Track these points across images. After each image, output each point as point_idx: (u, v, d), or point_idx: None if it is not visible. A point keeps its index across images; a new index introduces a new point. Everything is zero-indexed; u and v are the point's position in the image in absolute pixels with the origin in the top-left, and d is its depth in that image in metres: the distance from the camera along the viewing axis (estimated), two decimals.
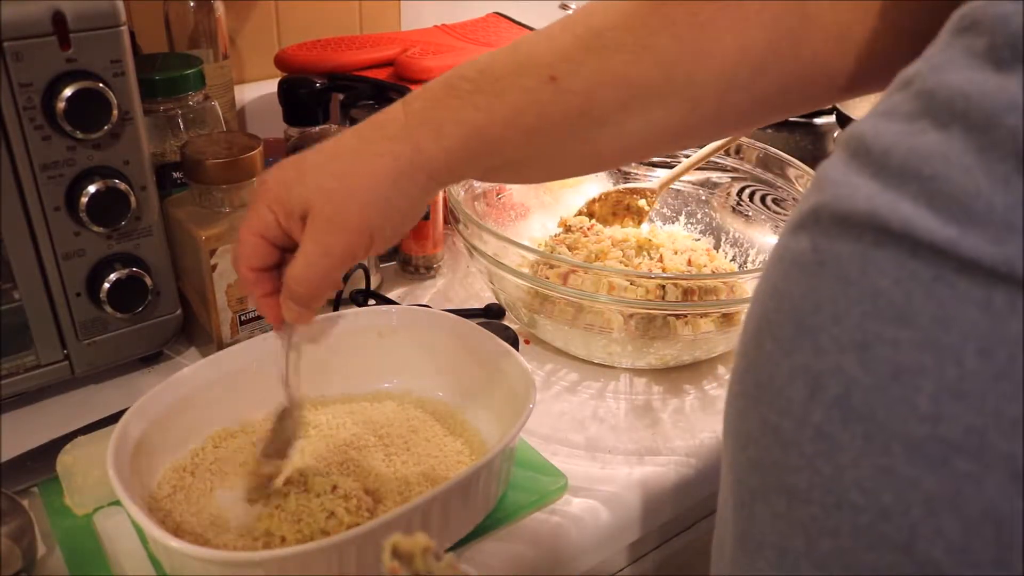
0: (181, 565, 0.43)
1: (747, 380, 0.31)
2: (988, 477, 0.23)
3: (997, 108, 0.24)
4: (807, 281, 0.29)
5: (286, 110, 0.79)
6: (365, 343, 0.60)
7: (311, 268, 0.44)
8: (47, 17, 0.50)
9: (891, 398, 0.25)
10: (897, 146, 0.27)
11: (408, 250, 0.80)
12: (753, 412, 0.31)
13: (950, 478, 0.24)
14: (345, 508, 0.48)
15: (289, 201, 0.44)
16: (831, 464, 0.27)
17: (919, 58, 0.29)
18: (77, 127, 0.52)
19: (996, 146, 0.24)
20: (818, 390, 0.27)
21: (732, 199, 0.84)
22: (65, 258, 0.56)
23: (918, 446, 0.24)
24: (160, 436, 0.51)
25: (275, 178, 0.45)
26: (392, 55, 0.83)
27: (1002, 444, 0.23)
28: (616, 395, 0.66)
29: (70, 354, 0.59)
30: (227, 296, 0.64)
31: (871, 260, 0.26)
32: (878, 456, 0.25)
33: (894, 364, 0.25)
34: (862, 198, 0.27)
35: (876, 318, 0.26)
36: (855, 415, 0.26)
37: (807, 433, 0.28)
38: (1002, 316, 0.23)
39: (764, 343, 0.30)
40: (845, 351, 0.27)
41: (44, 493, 0.53)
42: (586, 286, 0.64)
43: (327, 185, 0.43)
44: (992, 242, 0.23)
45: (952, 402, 0.24)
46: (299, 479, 0.50)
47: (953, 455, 0.24)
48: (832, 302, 0.27)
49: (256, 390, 0.57)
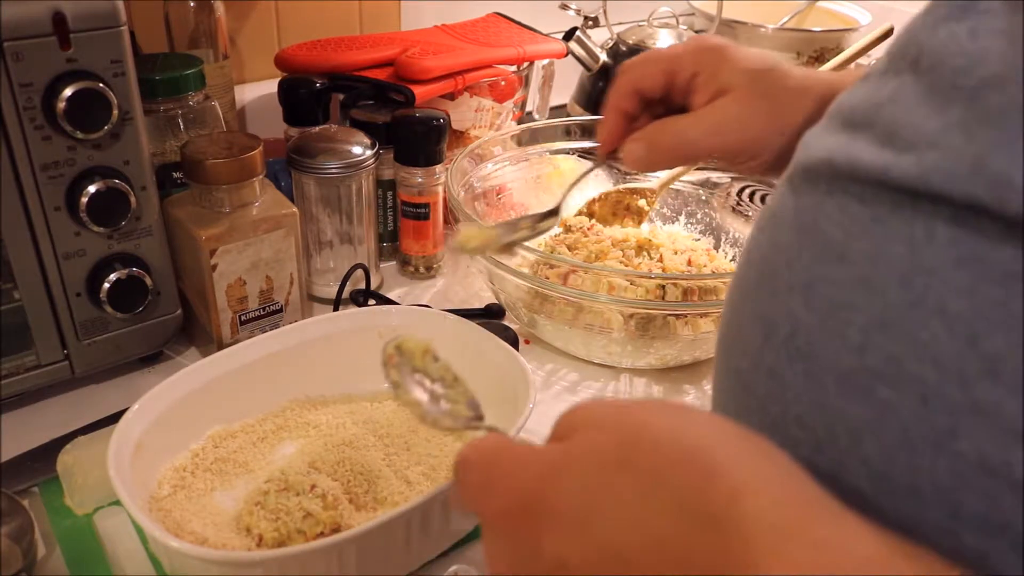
0: (181, 565, 0.43)
1: (720, 334, 0.33)
2: (903, 402, 0.24)
3: (945, 52, 0.26)
4: (771, 233, 0.31)
5: (286, 110, 0.79)
6: (365, 343, 0.60)
7: (700, 129, 0.47)
8: (47, 17, 0.50)
9: (827, 334, 0.27)
10: (863, 101, 0.29)
11: (408, 250, 0.80)
12: (722, 362, 0.33)
13: (872, 406, 0.25)
14: (322, 507, 0.48)
15: (721, 63, 0.47)
16: (779, 404, 0.29)
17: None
18: (77, 127, 0.52)
19: (937, 83, 0.26)
20: (771, 333, 0.29)
21: (732, 199, 0.84)
22: (65, 258, 0.56)
23: (847, 377, 0.26)
24: (160, 436, 0.51)
25: (720, 43, 0.48)
26: (392, 55, 0.83)
27: (914, 368, 0.24)
28: (616, 395, 0.66)
29: (70, 354, 0.59)
30: (227, 296, 0.64)
31: (822, 208, 0.28)
32: (815, 391, 0.27)
33: (832, 301, 0.27)
34: (822, 148, 0.30)
35: (820, 260, 0.28)
36: (799, 354, 0.28)
37: (761, 375, 0.30)
38: (919, 247, 0.25)
39: (733, 295, 0.33)
40: (793, 292, 0.29)
41: (44, 493, 0.53)
42: (586, 286, 0.64)
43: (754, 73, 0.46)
44: (916, 162, 0.25)
45: (877, 332, 0.25)
46: (280, 477, 0.50)
47: (875, 383, 0.25)
48: (788, 249, 0.30)
49: (256, 390, 0.57)
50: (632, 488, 0.26)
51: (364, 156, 0.71)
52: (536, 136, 0.84)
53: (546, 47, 0.93)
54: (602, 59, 1.06)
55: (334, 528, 0.48)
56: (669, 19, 1.10)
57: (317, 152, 0.70)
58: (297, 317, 0.69)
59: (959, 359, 0.23)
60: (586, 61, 1.05)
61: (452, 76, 0.81)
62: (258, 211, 0.64)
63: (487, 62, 0.85)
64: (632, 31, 1.09)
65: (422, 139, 0.74)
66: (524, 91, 0.94)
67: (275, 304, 0.67)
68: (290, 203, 0.66)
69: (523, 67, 0.91)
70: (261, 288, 0.66)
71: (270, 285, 0.66)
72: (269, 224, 0.64)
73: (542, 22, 1.00)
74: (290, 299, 0.68)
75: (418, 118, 0.75)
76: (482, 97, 0.85)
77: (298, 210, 0.65)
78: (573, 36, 1.02)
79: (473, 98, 0.84)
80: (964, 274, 0.23)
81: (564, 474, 0.28)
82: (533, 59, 0.92)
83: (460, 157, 0.76)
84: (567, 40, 1.01)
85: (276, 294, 0.67)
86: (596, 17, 1.08)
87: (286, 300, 0.68)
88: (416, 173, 0.76)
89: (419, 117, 0.75)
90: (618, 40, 1.09)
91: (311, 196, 0.72)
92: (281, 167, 0.75)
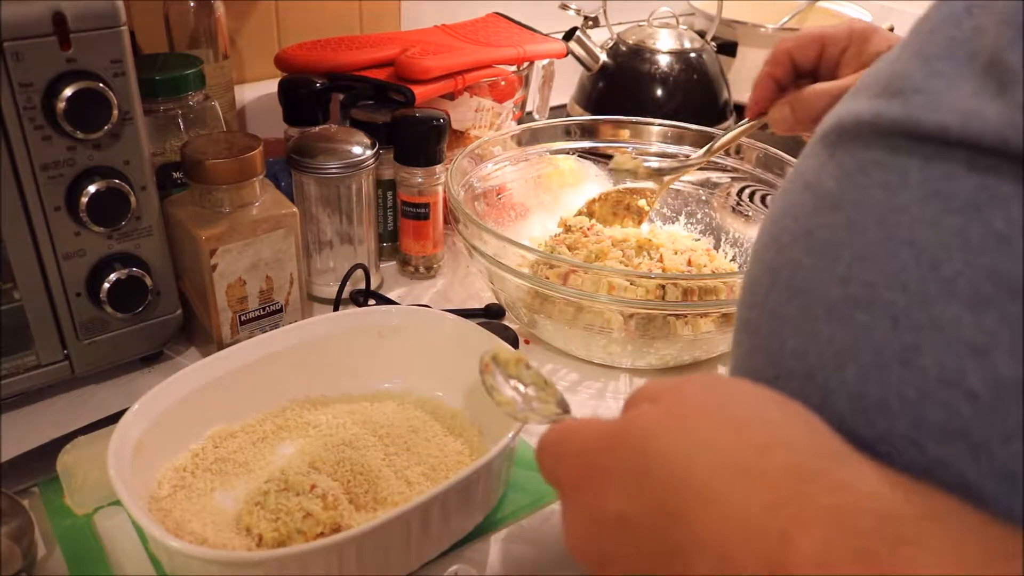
0: (181, 565, 0.43)
1: (739, 295, 0.37)
2: (877, 324, 0.28)
3: (944, 18, 0.29)
4: (783, 197, 0.35)
5: (286, 110, 0.79)
6: (365, 343, 0.60)
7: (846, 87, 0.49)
8: (47, 17, 0.50)
9: (819, 271, 0.30)
10: (884, 69, 0.32)
11: (408, 250, 0.80)
12: (738, 316, 0.36)
13: (852, 330, 0.28)
14: (322, 507, 0.48)
15: (872, 34, 0.57)
16: (778, 339, 0.32)
17: None
18: (77, 127, 0.52)
19: (937, 46, 0.29)
20: (776, 280, 0.33)
21: (732, 199, 0.84)
22: (65, 258, 0.56)
23: (833, 306, 0.29)
24: (160, 436, 0.51)
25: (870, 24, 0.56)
26: (392, 55, 0.83)
27: (886, 293, 0.28)
28: (616, 395, 0.66)
29: (70, 354, 0.59)
30: (227, 296, 0.64)
31: (825, 167, 0.32)
32: (808, 322, 0.30)
33: (826, 243, 0.30)
34: (833, 115, 0.33)
35: (819, 210, 0.31)
36: (797, 292, 0.31)
37: (764, 317, 0.33)
38: (894, 190, 0.28)
39: (751, 258, 0.37)
40: (797, 242, 0.32)
41: (44, 493, 0.53)
42: (586, 286, 0.64)
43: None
44: (903, 103, 0.29)
45: (857, 265, 0.29)
46: (280, 477, 0.50)
47: (854, 309, 0.29)
48: (794, 206, 0.33)
49: (256, 390, 0.57)
50: (679, 449, 0.29)
51: (364, 156, 0.71)
52: (536, 136, 0.84)
53: (546, 47, 0.93)
54: (602, 59, 1.06)
55: (334, 528, 0.48)
56: (669, 19, 1.10)
57: (317, 152, 0.70)
58: (297, 317, 0.69)
59: (923, 282, 0.27)
60: (586, 61, 1.05)
61: (452, 76, 0.81)
62: (258, 211, 0.64)
63: (487, 62, 0.85)
64: (632, 31, 1.09)
65: (422, 139, 0.74)
66: (524, 91, 0.94)
67: (275, 304, 0.67)
68: (290, 203, 0.66)
69: (523, 67, 0.91)
70: (261, 288, 0.66)
71: (270, 285, 0.66)
72: (269, 224, 0.64)
73: (542, 22, 1.00)
74: (290, 299, 0.68)
75: (418, 118, 0.75)
76: (482, 97, 0.85)
77: (298, 210, 0.65)
78: (573, 36, 1.02)
79: (473, 98, 0.84)
80: (929, 209, 0.27)
81: (622, 442, 0.31)
82: (533, 59, 0.92)
83: (460, 157, 0.76)
84: (567, 40, 1.01)
85: (276, 294, 0.67)
86: (596, 17, 1.08)
87: (286, 300, 0.68)
88: (416, 173, 0.76)
89: (419, 117, 0.75)
90: (618, 40, 1.09)
91: (311, 196, 0.72)
92: (281, 167, 0.75)
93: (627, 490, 0.30)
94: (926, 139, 0.28)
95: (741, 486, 0.27)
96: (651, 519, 0.29)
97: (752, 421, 0.29)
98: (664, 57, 1.06)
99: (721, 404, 0.31)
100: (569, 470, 0.33)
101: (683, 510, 0.28)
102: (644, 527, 0.29)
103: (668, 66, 1.05)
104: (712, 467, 0.28)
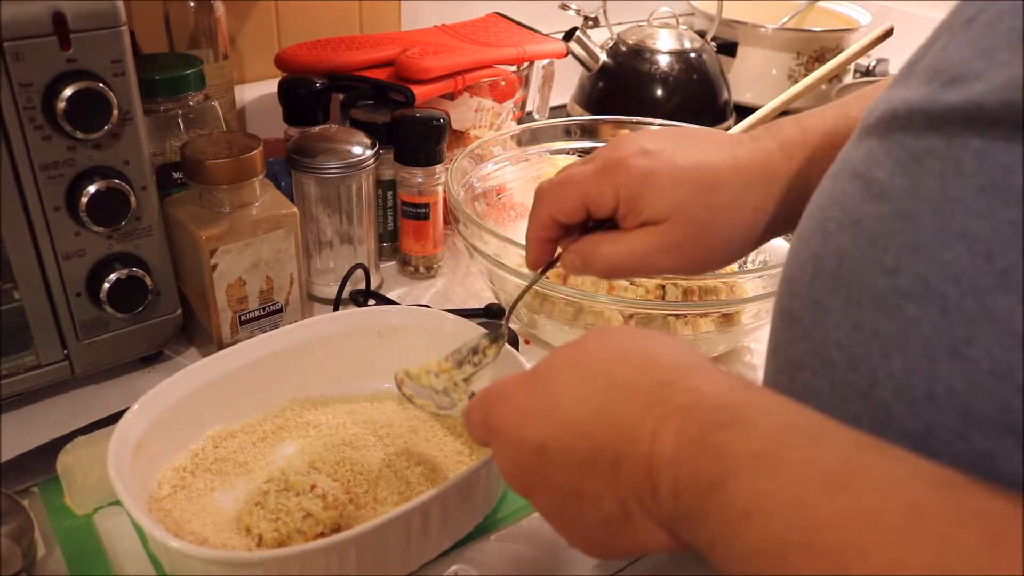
0: (181, 565, 0.43)
1: (779, 281, 0.37)
2: (926, 316, 0.28)
3: (1004, 10, 0.29)
4: (830, 184, 0.35)
5: (286, 110, 0.79)
6: (365, 343, 0.60)
7: (633, 259, 0.47)
8: (47, 17, 0.50)
9: (867, 260, 0.30)
10: (925, 57, 0.32)
11: (408, 250, 0.80)
12: (777, 304, 0.37)
13: (900, 321, 0.29)
14: (322, 507, 0.48)
15: (639, 199, 0.45)
16: (821, 329, 0.32)
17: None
18: (77, 127, 0.52)
19: (999, 38, 0.28)
20: (819, 269, 0.33)
21: None
22: (65, 258, 0.56)
23: (881, 298, 0.29)
24: (160, 436, 0.51)
25: (638, 167, 0.45)
26: (392, 55, 0.83)
27: (938, 285, 0.27)
28: None
29: (70, 354, 0.59)
30: (227, 296, 0.64)
31: (873, 156, 0.32)
32: (853, 313, 0.31)
33: (874, 233, 0.30)
34: (883, 100, 0.33)
35: (867, 199, 0.31)
36: (842, 282, 0.31)
37: (807, 306, 0.33)
38: (949, 179, 0.28)
39: (794, 244, 0.36)
40: (844, 231, 0.32)
41: (44, 493, 0.53)
42: (586, 286, 0.64)
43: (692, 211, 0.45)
44: (963, 89, 0.28)
45: (908, 256, 0.29)
46: (280, 477, 0.50)
47: (903, 301, 0.29)
48: (841, 195, 0.33)
49: (256, 390, 0.57)
50: (578, 377, 0.35)
51: (364, 156, 0.71)
52: (536, 136, 0.84)
53: (546, 47, 0.93)
54: (602, 59, 1.06)
55: (334, 528, 0.48)
56: (669, 19, 1.10)
57: (317, 152, 0.70)
58: (297, 317, 0.69)
59: (977, 273, 0.26)
60: (586, 61, 1.05)
61: (452, 76, 0.81)
62: (258, 211, 0.64)
63: (487, 62, 0.85)
64: (632, 31, 1.09)
65: (422, 139, 0.74)
66: (524, 91, 0.94)
67: (275, 304, 0.67)
68: (290, 203, 0.66)
69: (523, 67, 0.91)
70: (261, 288, 0.66)
71: (270, 285, 0.66)
72: (269, 224, 0.64)
73: (542, 22, 1.00)
74: (290, 299, 0.68)
75: (418, 118, 0.75)
76: (482, 97, 0.85)
77: (298, 210, 0.65)
78: (573, 36, 1.02)
79: (473, 98, 0.84)
80: (984, 200, 0.27)
81: (536, 382, 0.37)
82: (533, 59, 0.92)
83: (460, 157, 0.76)
84: (567, 40, 1.01)
85: (276, 294, 0.67)
86: (596, 17, 1.08)
87: (286, 300, 0.68)
88: (416, 173, 0.76)
89: (419, 117, 0.75)
90: (618, 40, 1.09)
91: (311, 196, 0.72)
92: (281, 167, 0.75)
93: (541, 420, 0.35)
94: (987, 126, 0.27)
95: (626, 398, 0.33)
96: (562, 441, 0.34)
97: (631, 351, 0.35)
98: (664, 57, 1.06)
99: (608, 342, 0.37)
100: (496, 416, 0.38)
101: (583, 424, 0.34)
102: (558, 451, 0.34)
103: (668, 66, 1.06)
104: (603, 387, 0.34)
